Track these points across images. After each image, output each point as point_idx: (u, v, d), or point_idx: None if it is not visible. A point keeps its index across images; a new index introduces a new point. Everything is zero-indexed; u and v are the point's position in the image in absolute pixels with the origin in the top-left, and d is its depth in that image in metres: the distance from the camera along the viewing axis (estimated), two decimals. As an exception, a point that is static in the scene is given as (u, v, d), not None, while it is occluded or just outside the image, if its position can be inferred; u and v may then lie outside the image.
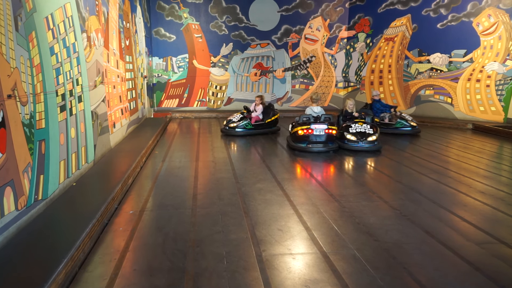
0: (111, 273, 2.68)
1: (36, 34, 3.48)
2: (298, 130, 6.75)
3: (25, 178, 3.13)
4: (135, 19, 9.07)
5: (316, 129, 6.62)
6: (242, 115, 8.57)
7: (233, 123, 8.38)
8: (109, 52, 6.33)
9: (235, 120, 8.45)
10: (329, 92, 13.23)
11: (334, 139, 6.82)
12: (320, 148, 6.67)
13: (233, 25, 12.29)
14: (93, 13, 5.40)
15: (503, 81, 9.49)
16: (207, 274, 2.68)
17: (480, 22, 9.78)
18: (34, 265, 2.53)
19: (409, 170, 5.80)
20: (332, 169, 5.78)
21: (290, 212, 3.90)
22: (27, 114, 3.20)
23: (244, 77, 12.73)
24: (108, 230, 3.42)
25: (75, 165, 4.40)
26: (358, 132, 6.89)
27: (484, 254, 3.06)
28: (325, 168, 5.86)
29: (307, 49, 12.83)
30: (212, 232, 3.38)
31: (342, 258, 2.94)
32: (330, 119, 7.00)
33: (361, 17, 12.40)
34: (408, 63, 11.36)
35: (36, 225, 3.13)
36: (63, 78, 4.10)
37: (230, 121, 8.49)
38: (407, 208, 4.05)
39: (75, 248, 2.73)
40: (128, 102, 7.92)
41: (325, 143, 6.69)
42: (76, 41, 4.56)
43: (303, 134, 6.68)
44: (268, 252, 3.03)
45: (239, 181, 4.95)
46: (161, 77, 12.26)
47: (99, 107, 5.52)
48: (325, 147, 6.68)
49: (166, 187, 4.73)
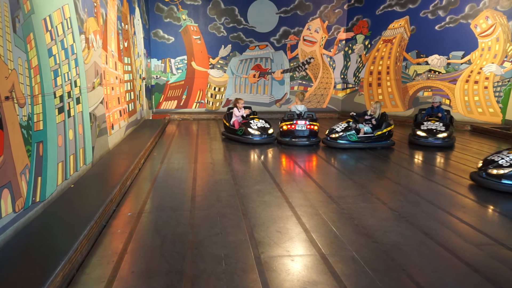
0: (109, 276, 2.67)
1: (34, 36, 3.47)
2: (283, 125, 7.57)
3: (22, 180, 3.12)
4: (133, 20, 9.07)
5: (298, 125, 7.40)
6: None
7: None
8: (107, 53, 6.32)
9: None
10: (327, 93, 13.25)
11: (316, 134, 7.50)
12: (304, 142, 7.39)
13: (231, 26, 12.30)
14: (91, 15, 5.39)
15: (501, 82, 9.52)
16: (206, 276, 2.67)
17: (478, 24, 9.81)
18: (32, 267, 2.51)
19: (408, 171, 5.80)
20: (330, 171, 5.78)
21: (288, 213, 3.89)
22: (24, 116, 3.19)
23: (242, 79, 12.73)
24: (106, 232, 3.41)
25: (73, 167, 4.38)
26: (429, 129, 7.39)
27: (482, 256, 3.06)
28: (324, 170, 5.86)
29: (305, 50, 12.85)
30: (210, 234, 3.38)
31: (341, 260, 2.93)
32: (313, 116, 7.62)
33: (359, 19, 12.43)
34: (407, 65, 11.39)
35: (34, 227, 3.12)
36: (61, 79, 4.09)
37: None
38: (406, 210, 4.05)
39: (73, 250, 2.72)
40: (127, 103, 7.91)
41: (308, 137, 7.42)
42: (74, 43, 4.55)
43: (287, 129, 7.48)
44: (266, 254, 3.02)
45: (238, 183, 4.95)
46: (160, 79, 12.26)
47: (97, 108, 5.52)
48: (307, 141, 7.40)
49: (164, 189, 4.72)
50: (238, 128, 7.77)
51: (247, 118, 7.93)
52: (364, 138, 7.11)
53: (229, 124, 8.13)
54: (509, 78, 9.37)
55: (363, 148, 7.14)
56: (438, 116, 7.86)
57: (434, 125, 7.57)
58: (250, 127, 7.63)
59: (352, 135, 7.12)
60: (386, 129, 7.17)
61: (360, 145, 7.13)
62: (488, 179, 4.77)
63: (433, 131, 7.44)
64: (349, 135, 7.11)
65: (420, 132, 7.54)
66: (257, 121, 7.79)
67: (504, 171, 4.69)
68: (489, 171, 4.81)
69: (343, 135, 7.09)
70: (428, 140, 7.37)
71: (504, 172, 4.68)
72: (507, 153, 4.95)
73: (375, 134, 7.14)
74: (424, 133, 7.47)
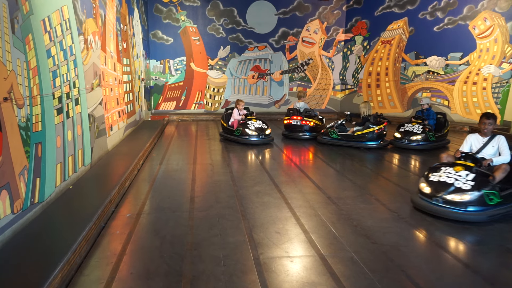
0: (107, 277, 2.67)
1: (33, 37, 3.47)
2: (284, 119, 8.64)
3: (21, 181, 3.11)
4: (132, 21, 9.07)
5: (294, 120, 8.33)
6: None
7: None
8: (106, 54, 6.32)
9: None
10: (326, 94, 13.26)
11: (314, 129, 8.21)
12: (299, 135, 8.26)
13: (230, 27, 12.31)
14: (90, 16, 5.39)
15: (499, 83, 9.54)
16: (205, 278, 2.67)
17: (476, 25, 9.84)
18: (30, 269, 2.51)
19: (407, 172, 5.81)
20: (330, 172, 5.78)
21: (287, 214, 3.89)
22: (23, 116, 3.19)
23: (241, 80, 12.74)
24: (105, 233, 3.40)
25: (72, 168, 4.38)
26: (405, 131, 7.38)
27: (481, 256, 3.06)
28: (323, 171, 5.86)
29: (304, 51, 12.86)
30: (209, 235, 3.37)
31: (340, 261, 2.93)
32: (312, 113, 8.39)
33: (358, 20, 12.45)
34: (405, 66, 11.41)
35: (32, 229, 3.11)
36: (60, 80, 4.09)
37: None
38: (405, 211, 4.05)
39: (72, 252, 2.71)
40: (126, 104, 7.91)
41: (303, 132, 8.25)
42: (73, 44, 4.55)
43: (286, 123, 8.52)
44: (265, 255, 3.02)
45: (237, 184, 4.94)
46: (159, 80, 12.26)
47: (96, 109, 5.51)
48: (303, 135, 8.23)
49: (163, 190, 4.71)
50: (236, 128, 7.78)
51: (245, 119, 7.97)
52: (344, 136, 7.36)
53: (226, 124, 8.17)
54: (507, 79, 9.39)
55: (346, 146, 7.37)
56: (422, 119, 7.54)
57: (412, 127, 7.34)
58: (248, 127, 7.66)
59: (333, 132, 7.45)
60: (366, 129, 7.20)
61: (343, 143, 7.40)
62: (448, 207, 3.74)
63: (409, 133, 7.25)
64: (331, 132, 7.47)
65: (397, 133, 7.41)
66: (255, 121, 7.82)
67: (470, 196, 3.67)
68: (448, 197, 3.74)
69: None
70: (402, 141, 7.23)
71: (470, 199, 3.67)
72: (454, 171, 3.92)
73: (355, 133, 7.27)
74: (400, 135, 7.34)
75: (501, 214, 3.75)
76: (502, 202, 3.74)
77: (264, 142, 7.67)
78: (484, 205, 3.67)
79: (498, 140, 4.30)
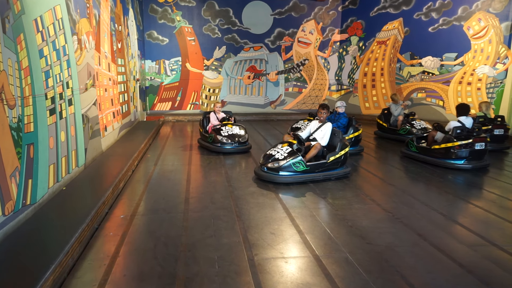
0: (100, 279, 2.64)
1: (25, 37, 3.43)
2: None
3: (12, 182, 3.07)
4: (127, 22, 9.02)
5: None
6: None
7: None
8: (100, 55, 6.27)
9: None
10: (322, 95, 13.27)
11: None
12: None
13: (226, 28, 12.28)
14: (84, 16, 5.35)
15: (494, 84, 9.58)
16: (199, 279, 2.65)
17: (471, 26, 9.89)
18: (21, 272, 2.47)
19: (401, 173, 5.82)
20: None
21: (282, 215, 3.87)
22: (14, 117, 3.15)
23: (237, 80, 12.71)
24: (98, 235, 3.37)
25: (65, 169, 4.33)
26: None
27: (476, 257, 3.06)
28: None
29: (300, 52, 12.87)
30: (204, 236, 3.35)
31: (335, 262, 2.92)
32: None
33: (353, 21, 12.47)
34: (400, 66, 11.44)
35: (24, 231, 3.07)
36: (53, 81, 4.05)
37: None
38: (400, 211, 4.05)
39: (64, 254, 2.68)
40: (120, 105, 7.86)
41: None
42: (66, 44, 4.51)
43: None
44: (260, 256, 3.00)
45: (232, 185, 4.92)
46: (154, 80, 12.20)
47: (90, 110, 5.47)
48: None
49: (158, 191, 4.68)
50: (209, 135, 7.06)
51: (220, 124, 7.15)
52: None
53: (203, 130, 7.45)
54: (501, 79, 9.44)
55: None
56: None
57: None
58: (220, 134, 6.84)
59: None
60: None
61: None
62: (269, 172, 5.00)
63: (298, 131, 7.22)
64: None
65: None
66: (230, 127, 6.95)
67: (280, 164, 4.95)
68: (269, 165, 5.02)
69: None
70: None
71: (280, 165, 4.94)
72: (281, 147, 5.21)
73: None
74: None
75: (308, 179, 5.05)
76: (308, 170, 5.01)
77: (238, 151, 6.80)
78: (292, 171, 4.96)
79: (326, 127, 5.46)
